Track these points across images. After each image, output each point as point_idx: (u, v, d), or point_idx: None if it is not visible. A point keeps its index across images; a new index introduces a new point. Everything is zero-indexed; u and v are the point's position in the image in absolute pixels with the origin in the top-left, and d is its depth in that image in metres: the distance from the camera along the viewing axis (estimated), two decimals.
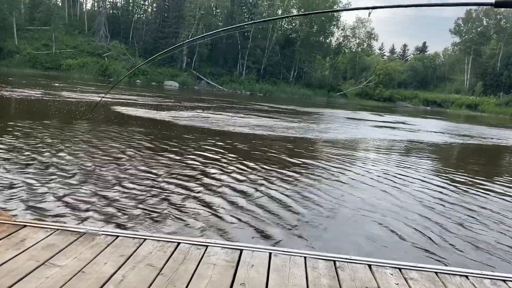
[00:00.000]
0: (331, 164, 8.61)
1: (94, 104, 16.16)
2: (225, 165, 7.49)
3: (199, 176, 6.48)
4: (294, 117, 21.53)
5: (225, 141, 10.37)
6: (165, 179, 6.08)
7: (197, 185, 5.95)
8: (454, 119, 37.17)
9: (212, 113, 18.02)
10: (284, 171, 7.43)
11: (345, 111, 33.26)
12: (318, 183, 6.80)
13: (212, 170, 6.98)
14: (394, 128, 21.02)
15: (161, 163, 7.18)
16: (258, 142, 11.12)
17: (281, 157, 9.01)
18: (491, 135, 21.86)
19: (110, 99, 18.96)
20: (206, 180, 6.30)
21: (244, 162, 7.90)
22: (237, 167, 7.39)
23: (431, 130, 22.12)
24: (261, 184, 6.31)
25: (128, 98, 21.36)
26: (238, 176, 6.70)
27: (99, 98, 17.50)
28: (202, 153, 8.48)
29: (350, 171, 8.17)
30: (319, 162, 8.83)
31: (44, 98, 17.35)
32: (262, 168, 7.55)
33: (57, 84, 27.00)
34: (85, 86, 28.77)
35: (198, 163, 7.43)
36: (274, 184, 6.41)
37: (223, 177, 6.57)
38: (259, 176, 6.89)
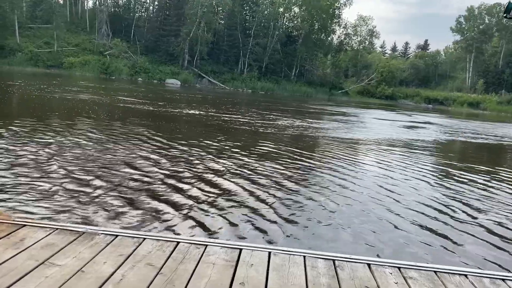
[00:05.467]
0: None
1: None
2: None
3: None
4: (345, 120, 22.06)
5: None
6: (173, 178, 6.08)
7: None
8: (471, 119, 36.67)
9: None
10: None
11: (368, 111, 33.37)
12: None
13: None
14: (426, 128, 21.25)
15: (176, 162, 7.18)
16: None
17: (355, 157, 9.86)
18: None
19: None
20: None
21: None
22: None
23: (464, 131, 22.13)
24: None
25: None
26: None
27: None
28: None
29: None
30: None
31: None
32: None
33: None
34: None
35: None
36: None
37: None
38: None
